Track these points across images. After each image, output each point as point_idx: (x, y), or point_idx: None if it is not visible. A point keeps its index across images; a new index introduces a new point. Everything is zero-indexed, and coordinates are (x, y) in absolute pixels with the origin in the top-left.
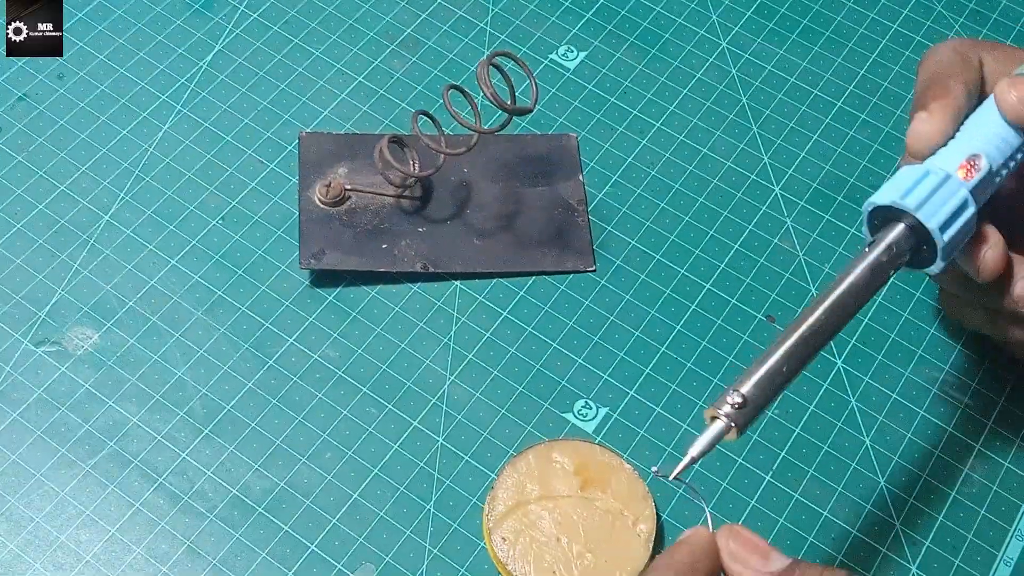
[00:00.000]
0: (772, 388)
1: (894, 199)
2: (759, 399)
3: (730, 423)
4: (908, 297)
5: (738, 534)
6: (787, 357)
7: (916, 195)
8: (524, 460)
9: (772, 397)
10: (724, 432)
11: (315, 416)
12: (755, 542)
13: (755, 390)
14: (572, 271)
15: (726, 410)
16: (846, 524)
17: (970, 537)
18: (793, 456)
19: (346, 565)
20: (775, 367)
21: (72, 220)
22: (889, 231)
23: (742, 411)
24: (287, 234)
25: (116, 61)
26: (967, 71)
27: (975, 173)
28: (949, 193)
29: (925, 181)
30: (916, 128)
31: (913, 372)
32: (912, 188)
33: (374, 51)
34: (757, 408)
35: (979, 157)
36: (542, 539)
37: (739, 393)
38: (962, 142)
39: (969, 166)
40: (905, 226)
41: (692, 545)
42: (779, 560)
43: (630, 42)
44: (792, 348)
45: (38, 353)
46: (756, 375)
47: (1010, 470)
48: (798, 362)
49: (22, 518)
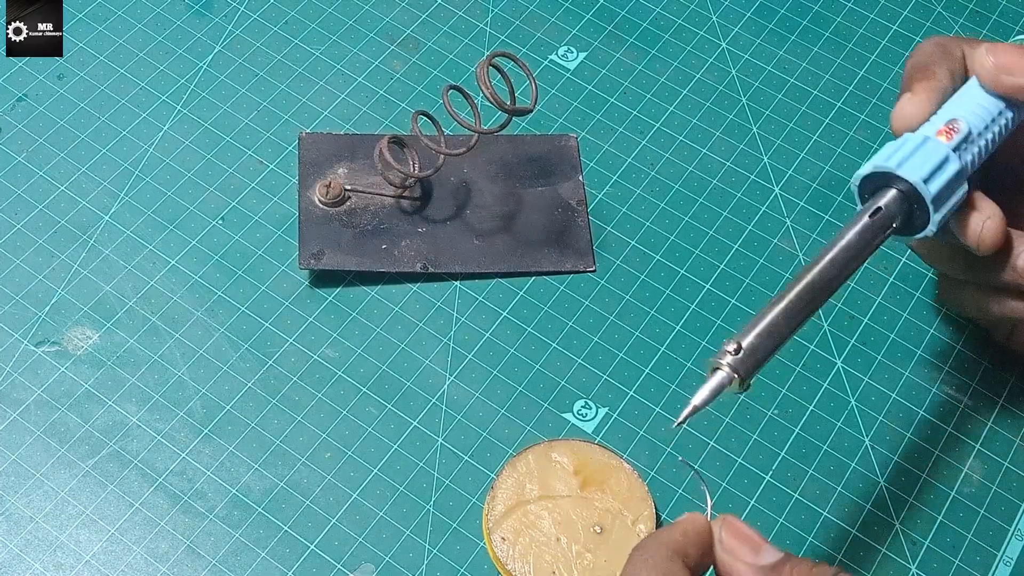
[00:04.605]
0: (771, 341)
1: (876, 164)
2: (758, 349)
3: (732, 372)
4: (908, 297)
5: (732, 524)
6: (783, 313)
7: (896, 157)
8: (524, 460)
9: (771, 350)
10: (726, 382)
11: (315, 416)
12: (748, 534)
13: (754, 340)
14: (572, 271)
15: (727, 359)
16: (846, 524)
17: (970, 537)
18: (793, 456)
19: (346, 565)
20: (773, 321)
21: (72, 220)
22: (879, 197)
23: (741, 359)
24: (287, 234)
25: (116, 61)
26: (950, 60)
27: (954, 135)
28: (930, 152)
29: (904, 145)
30: (900, 107)
31: (913, 372)
32: (892, 153)
33: (374, 51)
34: (756, 358)
35: (957, 120)
36: (542, 539)
37: (735, 342)
38: (941, 114)
39: (948, 129)
40: (895, 190)
41: (686, 528)
42: (771, 554)
43: (630, 43)
44: (789, 305)
45: (38, 353)
46: (755, 328)
47: (1010, 470)
48: (794, 319)
49: (22, 518)
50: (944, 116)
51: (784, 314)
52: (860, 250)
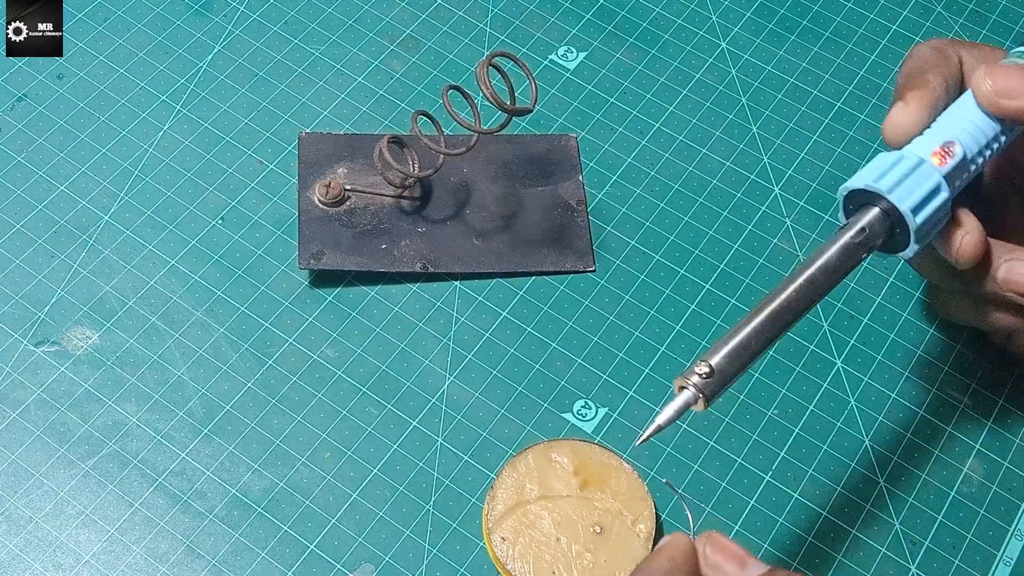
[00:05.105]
0: (740, 361)
1: (867, 182)
2: (727, 371)
3: (697, 393)
4: (908, 297)
5: (716, 540)
6: (756, 332)
7: (889, 178)
8: (523, 460)
9: (739, 370)
10: (692, 401)
11: (314, 416)
12: (733, 549)
13: (723, 361)
14: (572, 271)
15: (694, 380)
16: (846, 524)
17: (970, 537)
18: (793, 456)
19: (345, 565)
20: (744, 341)
21: (72, 220)
22: (863, 214)
23: (709, 381)
24: (287, 234)
25: (116, 61)
26: (946, 66)
27: (949, 159)
28: (923, 177)
29: (899, 165)
30: (893, 117)
31: (913, 372)
32: (885, 172)
33: (374, 51)
34: (724, 379)
35: (953, 144)
36: (541, 539)
37: (707, 364)
38: (937, 130)
39: (944, 152)
40: (879, 209)
41: (671, 551)
42: (756, 567)
43: (630, 43)
44: (762, 324)
45: (38, 353)
46: (725, 348)
47: (1010, 470)
48: (767, 338)
49: (22, 518)
50: (940, 134)
51: (756, 334)
52: (840, 269)
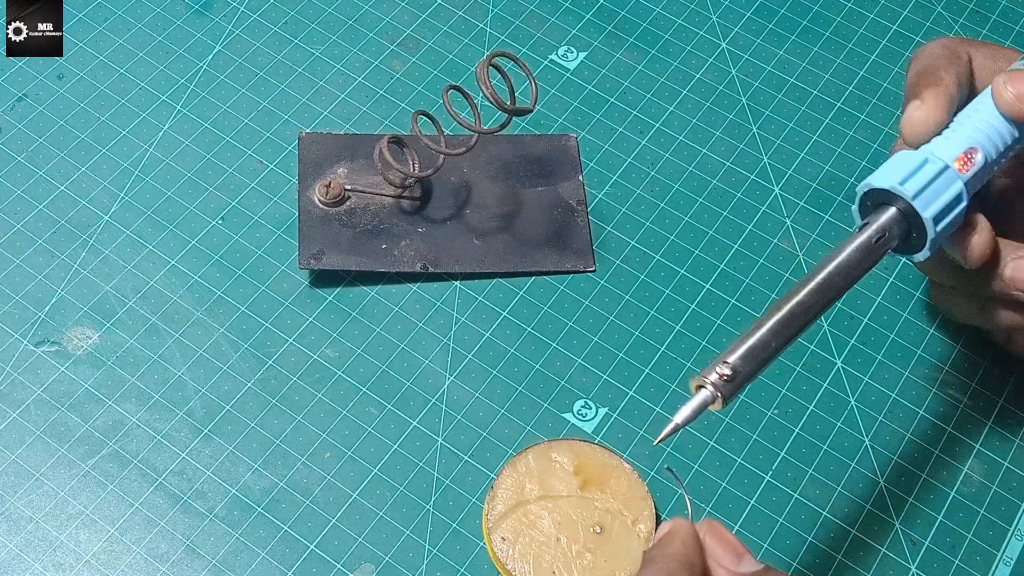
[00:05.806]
0: (758, 361)
1: (893, 184)
2: (745, 371)
3: (716, 392)
4: (908, 297)
5: (717, 529)
6: (774, 332)
7: (915, 182)
8: (523, 460)
9: (758, 370)
10: (710, 401)
11: (314, 416)
12: (731, 541)
13: (742, 361)
14: (572, 271)
15: (713, 379)
16: (845, 524)
17: (970, 537)
18: (793, 456)
19: (345, 565)
20: (762, 341)
21: (72, 220)
22: (881, 214)
23: (727, 381)
24: (287, 234)
25: (116, 61)
26: (957, 64)
27: (971, 166)
28: (946, 184)
29: (924, 169)
30: (911, 115)
31: (913, 372)
32: (911, 175)
33: (374, 51)
34: (742, 380)
35: (976, 151)
36: (541, 539)
37: (727, 364)
38: (959, 133)
39: (966, 159)
40: (897, 210)
41: (682, 535)
42: (751, 564)
43: (630, 43)
44: (779, 323)
45: (38, 353)
46: (743, 347)
47: (1010, 470)
48: (784, 337)
49: (22, 518)
50: (961, 138)
51: (774, 333)
52: (858, 270)
